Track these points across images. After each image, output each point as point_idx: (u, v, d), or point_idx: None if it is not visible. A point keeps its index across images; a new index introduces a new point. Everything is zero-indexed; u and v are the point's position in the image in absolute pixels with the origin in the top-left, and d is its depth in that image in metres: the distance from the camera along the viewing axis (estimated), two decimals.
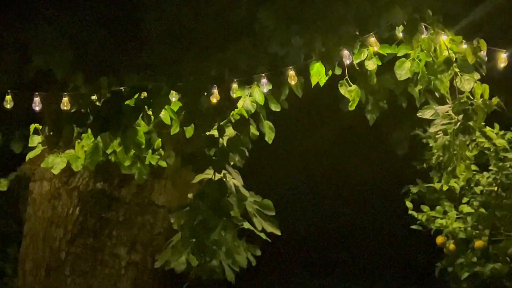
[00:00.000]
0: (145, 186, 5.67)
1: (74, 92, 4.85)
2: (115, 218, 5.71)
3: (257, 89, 4.81)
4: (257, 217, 5.19)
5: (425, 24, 4.67)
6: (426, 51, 4.70)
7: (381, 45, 4.73)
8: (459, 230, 5.38)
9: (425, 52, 4.71)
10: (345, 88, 4.81)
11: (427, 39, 4.65)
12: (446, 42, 4.64)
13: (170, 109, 4.91)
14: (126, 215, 5.72)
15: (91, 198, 5.70)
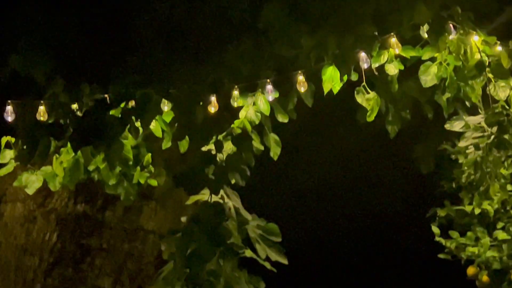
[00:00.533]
0: (132, 208, 5.68)
1: (52, 100, 4.80)
2: (98, 245, 5.71)
3: (262, 97, 4.77)
4: (261, 243, 5.06)
5: (454, 23, 4.61)
6: (455, 54, 4.64)
7: (403, 47, 4.68)
8: (493, 260, 5.32)
9: (453, 55, 4.65)
10: (362, 96, 4.75)
11: (456, 40, 4.60)
12: (478, 44, 4.59)
13: (162, 120, 4.86)
14: (111, 241, 5.72)
15: (71, 222, 5.70)
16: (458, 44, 4.62)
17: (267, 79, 4.73)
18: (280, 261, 5.11)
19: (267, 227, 5.13)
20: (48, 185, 5.11)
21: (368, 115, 4.78)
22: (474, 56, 4.62)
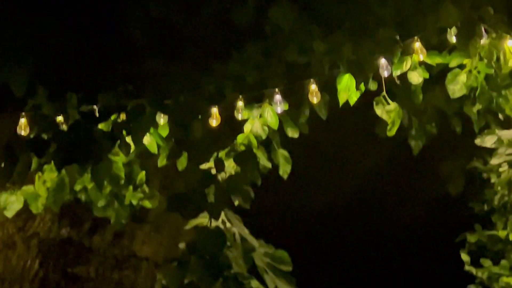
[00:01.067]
0: (124, 233, 5.69)
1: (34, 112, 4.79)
2: (85, 273, 5.70)
3: (269, 108, 4.76)
4: (269, 273, 5.06)
5: (485, 26, 4.58)
6: (486, 60, 4.60)
7: (428, 53, 4.66)
8: None
9: (485, 62, 4.62)
10: (382, 107, 4.74)
11: (488, 45, 4.56)
12: None
13: (157, 135, 4.83)
14: (99, 270, 5.71)
15: (55, 248, 5.68)
16: (490, 50, 4.56)
17: (276, 89, 4.71)
18: None
19: (276, 254, 5.12)
20: (30, 207, 5.09)
21: (389, 128, 4.76)
22: (509, 63, 4.55)
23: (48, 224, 5.65)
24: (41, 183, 5.02)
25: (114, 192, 5.06)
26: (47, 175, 4.99)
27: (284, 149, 4.96)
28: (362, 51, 4.67)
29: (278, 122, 4.80)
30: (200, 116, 4.64)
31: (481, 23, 4.61)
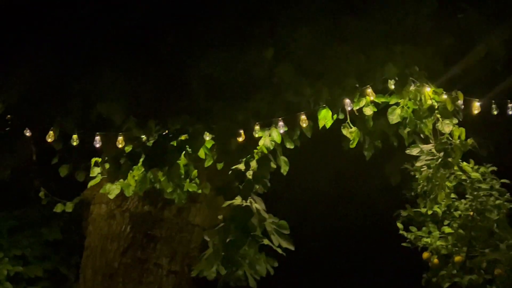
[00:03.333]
0: (183, 208, 5.70)
1: (127, 133, 4.92)
2: (159, 234, 5.74)
3: (275, 130, 4.82)
4: (275, 235, 5.09)
5: (413, 78, 4.72)
6: (413, 100, 4.72)
7: (377, 95, 4.78)
8: (441, 247, 5.37)
9: (412, 101, 4.73)
10: (347, 129, 4.85)
11: (414, 90, 4.70)
12: (430, 93, 4.69)
13: (204, 146, 4.92)
14: (168, 232, 5.75)
15: (140, 218, 5.73)
16: (416, 93, 4.70)
17: (279, 118, 4.80)
18: (288, 247, 5.10)
19: (279, 223, 5.14)
20: (124, 192, 5.27)
21: (351, 143, 4.88)
22: (427, 102, 4.69)
23: (135, 203, 5.72)
24: (131, 177, 5.14)
25: (177, 183, 5.13)
26: (135, 172, 5.11)
27: (284, 156, 4.98)
28: (334, 94, 4.79)
29: (281, 139, 4.86)
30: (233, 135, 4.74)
31: (411, 76, 4.73)
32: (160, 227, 5.74)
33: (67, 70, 5.05)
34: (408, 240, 5.51)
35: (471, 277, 5.22)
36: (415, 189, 5.40)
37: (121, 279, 5.68)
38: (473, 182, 5.26)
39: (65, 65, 5.09)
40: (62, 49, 5.13)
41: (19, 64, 5.13)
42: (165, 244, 5.75)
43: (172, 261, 5.77)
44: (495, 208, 5.26)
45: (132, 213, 5.73)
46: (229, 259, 4.90)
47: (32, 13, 5.46)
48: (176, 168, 4.88)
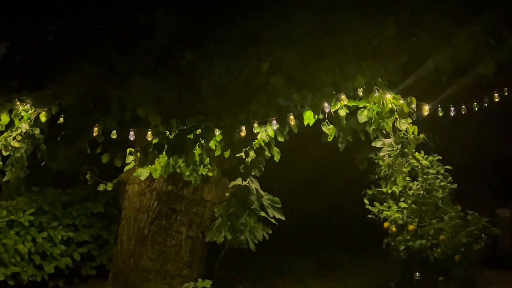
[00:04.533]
0: (198, 188, 5.67)
1: (154, 128, 4.95)
2: (179, 208, 5.74)
3: (270, 127, 4.84)
4: (269, 208, 5.22)
5: (377, 87, 4.75)
6: (377, 104, 4.76)
7: (349, 100, 4.79)
8: (398, 219, 5.43)
9: (376, 105, 4.77)
10: (325, 127, 4.87)
11: (378, 97, 4.73)
12: (390, 99, 4.71)
13: (215, 139, 4.95)
14: (186, 206, 5.75)
15: (164, 195, 5.71)
16: (379, 99, 4.73)
17: (273, 118, 4.81)
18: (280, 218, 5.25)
19: (273, 199, 5.28)
20: (152, 175, 5.27)
21: (328, 137, 4.91)
22: (388, 106, 4.70)
23: (161, 183, 5.70)
24: (158, 163, 5.11)
25: (194, 168, 5.16)
26: (161, 159, 5.08)
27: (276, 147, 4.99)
28: (316, 99, 4.79)
29: (274, 134, 4.87)
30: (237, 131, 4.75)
31: (375, 86, 4.74)
32: (180, 202, 5.73)
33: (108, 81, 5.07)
34: (373, 213, 5.54)
35: (421, 242, 5.29)
36: (378, 173, 5.46)
37: (150, 243, 5.72)
38: (423, 168, 5.34)
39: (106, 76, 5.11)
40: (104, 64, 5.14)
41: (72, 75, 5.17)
42: (184, 215, 5.75)
43: (190, 228, 5.78)
44: (440, 188, 5.35)
45: (158, 191, 5.72)
46: (233, 228, 4.94)
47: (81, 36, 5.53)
48: (192, 156, 4.88)
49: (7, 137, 5.13)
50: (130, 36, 5.28)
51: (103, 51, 5.18)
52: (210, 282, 5.68)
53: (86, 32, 5.62)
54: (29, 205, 6.09)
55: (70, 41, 5.65)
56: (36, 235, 6.03)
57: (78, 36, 5.65)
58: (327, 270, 6.89)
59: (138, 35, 5.27)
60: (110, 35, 5.33)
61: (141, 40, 5.19)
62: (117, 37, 5.30)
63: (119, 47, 5.18)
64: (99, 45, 5.27)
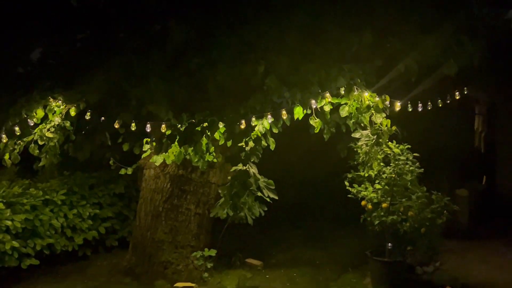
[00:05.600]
0: (205, 172, 5.62)
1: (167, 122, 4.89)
2: (189, 189, 5.70)
3: (265, 120, 4.81)
4: (265, 189, 5.22)
5: (356, 87, 4.74)
6: (356, 101, 4.73)
7: (332, 98, 4.78)
8: (374, 198, 5.38)
9: (356, 102, 4.73)
10: (313, 120, 4.82)
11: (357, 95, 4.71)
12: (367, 96, 4.69)
13: (219, 131, 4.90)
14: (194, 187, 5.70)
15: (176, 178, 5.67)
16: (358, 96, 4.70)
17: (268, 112, 4.79)
18: (274, 197, 5.23)
19: (268, 181, 5.26)
20: (166, 161, 5.21)
21: (315, 129, 4.87)
22: (365, 102, 4.69)
23: (173, 168, 5.64)
24: (170, 151, 5.05)
25: (201, 155, 5.07)
26: (173, 148, 5.01)
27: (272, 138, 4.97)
28: (305, 97, 4.80)
29: (269, 126, 4.84)
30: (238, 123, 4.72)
31: (355, 85, 4.73)
32: (189, 184, 5.70)
33: (128, 81, 5.01)
34: (352, 193, 5.49)
35: (393, 217, 5.27)
36: (357, 160, 5.40)
37: (163, 218, 5.69)
38: (395, 155, 5.30)
39: (126, 78, 5.05)
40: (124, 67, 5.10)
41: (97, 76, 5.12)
42: (192, 195, 5.72)
43: (197, 206, 5.75)
44: (409, 172, 5.31)
45: (171, 175, 5.68)
46: (234, 205, 4.95)
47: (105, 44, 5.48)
48: (200, 145, 4.85)
49: (42, 129, 5.12)
50: (146, 44, 5.21)
51: (123, 56, 5.11)
52: (215, 251, 5.72)
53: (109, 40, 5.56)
54: (61, 186, 6.10)
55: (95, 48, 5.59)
56: (68, 212, 6.04)
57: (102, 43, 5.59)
58: (313, 241, 6.91)
59: (153, 43, 5.19)
60: (129, 43, 5.26)
61: (156, 47, 5.13)
62: (135, 45, 5.24)
63: (137, 53, 5.11)
64: (120, 51, 5.20)
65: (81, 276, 5.77)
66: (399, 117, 4.97)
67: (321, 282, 5.63)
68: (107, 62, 5.12)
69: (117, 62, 5.08)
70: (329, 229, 7.28)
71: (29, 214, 5.61)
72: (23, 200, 5.61)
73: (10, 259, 5.37)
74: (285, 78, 4.92)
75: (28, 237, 5.61)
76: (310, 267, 6.03)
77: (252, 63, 4.86)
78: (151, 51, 5.11)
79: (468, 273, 5.66)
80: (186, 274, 5.60)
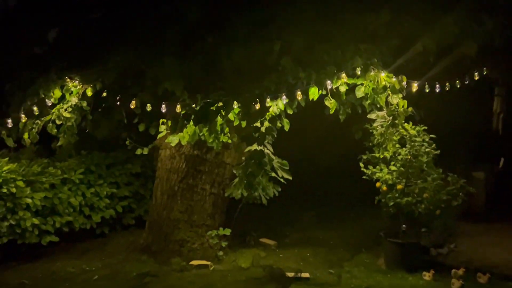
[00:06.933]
0: (219, 152, 5.63)
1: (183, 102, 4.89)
2: (204, 169, 5.72)
3: (280, 101, 4.76)
4: (279, 170, 5.19)
5: (372, 67, 4.67)
6: (372, 81, 4.66)
7: (348, 78, 4.72)
8: (388, 179, 5.35)
9: (372, 82, 4.67)
10: (328, 101, 4.78)
11: (374, 75, 4.66)
12: (384, 77, 4.63)
13: (233, 111, 4.85)
14: (209, 167, 5.72)
15: (191, 158, 5.69)
16: (375, 77, 4.65)
17: (283, 93, 4.73)
18: (288, 178, 5.20)
19: (282, 162, 5.23)
20: (181, 141, 5.17)
21: (330, 110, 4.83)
22: (382, 83, 4.63)
23: (189, 148, 5.65)
24: (185, 131, 5.02)
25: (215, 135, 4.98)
26: (188, 129, 4.97)
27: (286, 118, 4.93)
28: (320, 77, 4.71)
29: (284, 107, 4.79)
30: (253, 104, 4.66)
31: (371, 66, 4.66)
32: (204, 164, 5.71)
33: (143, 60, 5.02)
34: (367, 174, 5.46)
35: (408, 199, 5.24)
36: (372, 141, 5.35)
37: (179, 198, 5.73)
38: (411, 137, 5.24)
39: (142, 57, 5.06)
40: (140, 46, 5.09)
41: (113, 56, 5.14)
42: (207, 175, 5.73)
43: (212, 186, 5.77)
44: (425, 154, 5.26)
45: (187, 155, 5.70)
46: (249, 185, 4.94)
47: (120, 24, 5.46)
48: (215, 125, 4.82)
49: (60, 109, 5.18)
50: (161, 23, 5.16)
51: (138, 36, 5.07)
52: (229, 230, 5.76)
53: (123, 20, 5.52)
54: (79, 165, 6.15)
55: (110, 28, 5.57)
56: (85, 191, 6.11)
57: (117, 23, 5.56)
58: (326, 222, 6.92)
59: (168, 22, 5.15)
60: (143, 23, 5.22)
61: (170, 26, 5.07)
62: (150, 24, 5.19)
63: (151, 32, 5.07)
64: (134, 31, 5.17)
65: (99, 253, 5.88)
66: (416, 98, 4.89)
67: (335, 262, 5.65)
68: (122, 42, 5.12)
69: (132, 42, 5.05)
70: (342, 210, 7.27)
71: (48, 192, 5.71)
72: (42, 179, 5.71)
73: (31, 235, 5.49)
74: (300, 58, 4.84)
75: (48, 215, 5.72)
76: (323, 247, 6.05)
77: (267, 42, 4.80)
78: (166, 31, 5.07)
79: (483, 256, 5.60)
80: (201, 253, 5.66)
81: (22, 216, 5.40)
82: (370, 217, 6.53)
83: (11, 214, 5.34)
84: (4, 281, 5.00)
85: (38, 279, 5.07)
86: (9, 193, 5.31)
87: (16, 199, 5.38)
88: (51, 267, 5.39)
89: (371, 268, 5.38)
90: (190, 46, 5.03)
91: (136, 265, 5.41)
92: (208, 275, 5.22)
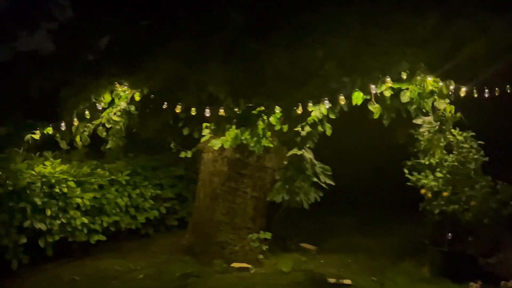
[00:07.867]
0: (261, 156, 5.63)
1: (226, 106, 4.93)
2: (245, 173, 5.73)
3: (323, 106, 4.68)
4: (321, 175, 5.10)
5: (419, 71, 4.54)
6: (419, 86, 4.54)
7: (393, 82, 4.60)
8: (434, 186, 5.21)
9: (418, 87, 4.55)
10: (372, 105, 4.67)
11: (420, 79, 4.53)
12: (431, 81, 4.51)
13: (274, 116, 4.86)
14: (251, 171, 5.73)
15: (233, 162, 5.71)
16: (421, 81, 4.53)
17: (326, 98, 4.66)
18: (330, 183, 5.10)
19: (324, 167, 5.15)
20: (224, 145, 5.23)
21: (375, 115, 4.70)
22: (428, 87, 4.52)
23: (231, 152, 5.66)
24: (228, 135, 5.08)
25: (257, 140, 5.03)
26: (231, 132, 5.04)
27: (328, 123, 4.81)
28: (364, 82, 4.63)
29: (326, 111, 4.70)
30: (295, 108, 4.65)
31: (417, 70, 4.52)
32: (246, 168, 5.73)
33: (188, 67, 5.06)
34: (412, 181, 5.34)
35: (454, 207, 5.08)
36: (417, 147, 5.22)
37: (221, 200, 5.76)
38: (458, 143, 5.11)
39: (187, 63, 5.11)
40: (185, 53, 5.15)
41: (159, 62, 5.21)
42: (249, 179, 5.74)
43: (254, 190, 5.78)
44: (473, 160, 5.10)
45: (229, 158, 5.72)
46: (290, 190, 4.89)
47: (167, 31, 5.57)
48: (256, 129, 4.83)
49: (109, 113, 5.30)
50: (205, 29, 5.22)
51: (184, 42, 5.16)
52: (270, 234, 5.73)
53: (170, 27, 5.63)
54: (126, 167, 6.30)
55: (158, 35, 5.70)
56: (131, 192, 6.25)
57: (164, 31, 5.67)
58: (368, 228, 6.78)
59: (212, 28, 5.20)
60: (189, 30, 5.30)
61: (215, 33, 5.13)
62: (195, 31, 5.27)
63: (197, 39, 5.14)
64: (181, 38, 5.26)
65: (143, 253, 5.98)
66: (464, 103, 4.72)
67: (377, 269, 5.51)
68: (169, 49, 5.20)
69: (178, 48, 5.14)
70: (384, 217, 7.10)
71: (97, 192, 5.87)
72: (92, 180, 5.88)
73: (80, 234, 5.67)
74: (344, 63, 4.78)
75: (96, 214, 5.87)
76: (365, 254, 5.93)
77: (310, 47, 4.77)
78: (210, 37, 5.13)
79: None
80: (242, 255, 5.66)
81: (72, 215, 5.59)
82: (413, 224, 6.23)
83: (62, 212, 5.52)
84: (57, 277, 5.18)
85: (87, 276, 5.23)
86: (61, 193, 5.50)
87: (68, 198, 5.56)
88: (99, 265, 5.53)
89: (415, 276, 5.23)
90: (234, 51, 5.07)
91: (180, 266, 5.47)
92: (249, 277, 5.22)
